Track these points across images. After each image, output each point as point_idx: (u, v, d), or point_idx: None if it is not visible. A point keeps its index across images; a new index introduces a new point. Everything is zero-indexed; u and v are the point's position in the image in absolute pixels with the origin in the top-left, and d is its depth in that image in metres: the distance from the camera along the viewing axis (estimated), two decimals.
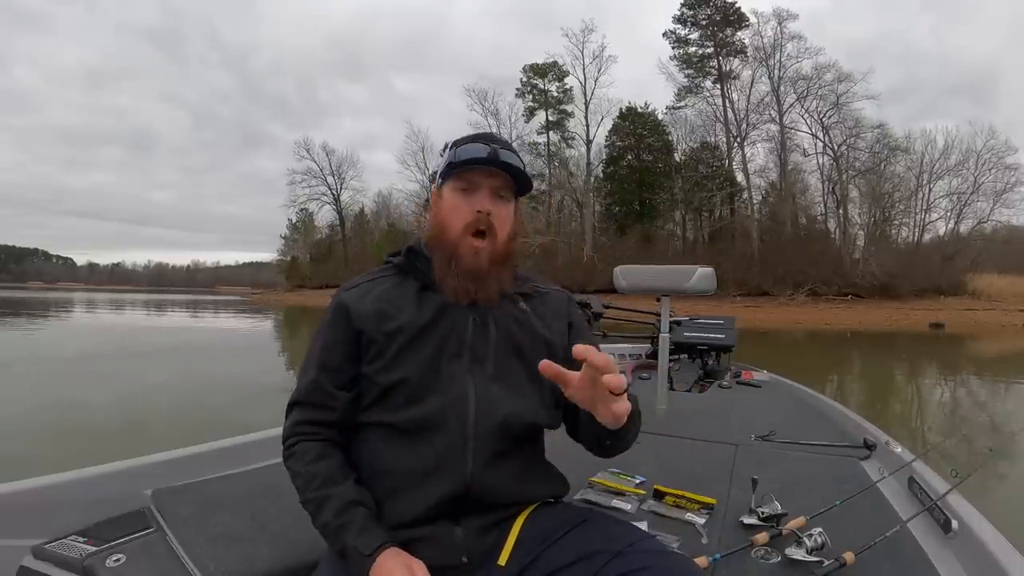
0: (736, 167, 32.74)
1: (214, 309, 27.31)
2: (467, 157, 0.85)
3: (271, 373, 7.40)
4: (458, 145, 0.89)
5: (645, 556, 0.71)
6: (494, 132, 0.96)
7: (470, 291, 0.85)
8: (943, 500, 1.19)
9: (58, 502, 1.08)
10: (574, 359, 0.69)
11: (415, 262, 0.91)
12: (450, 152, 0.89)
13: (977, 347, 13.69)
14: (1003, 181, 28.42)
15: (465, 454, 0.80)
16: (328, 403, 0.86)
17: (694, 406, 2.53)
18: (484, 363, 0.85)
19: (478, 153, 0.85)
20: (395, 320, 0.85)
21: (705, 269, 2.19)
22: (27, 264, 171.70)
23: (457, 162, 0.86)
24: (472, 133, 0.94)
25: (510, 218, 0.90)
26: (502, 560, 0.78)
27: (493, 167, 0.86)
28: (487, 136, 0.90)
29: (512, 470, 0.83)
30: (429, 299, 0.87)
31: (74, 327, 15.46)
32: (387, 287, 0.89)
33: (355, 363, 0.86)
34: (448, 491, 0.79)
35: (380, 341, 0.84)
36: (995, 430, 4.77)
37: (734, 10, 31.85)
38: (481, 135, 0.91)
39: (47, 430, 4.06)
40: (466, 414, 0.81)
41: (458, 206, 0.87)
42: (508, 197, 0.90)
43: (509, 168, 0.87)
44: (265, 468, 1.42)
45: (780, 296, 25.69)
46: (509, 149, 0.88)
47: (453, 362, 0.84)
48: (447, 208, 0.88)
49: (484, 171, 0.86)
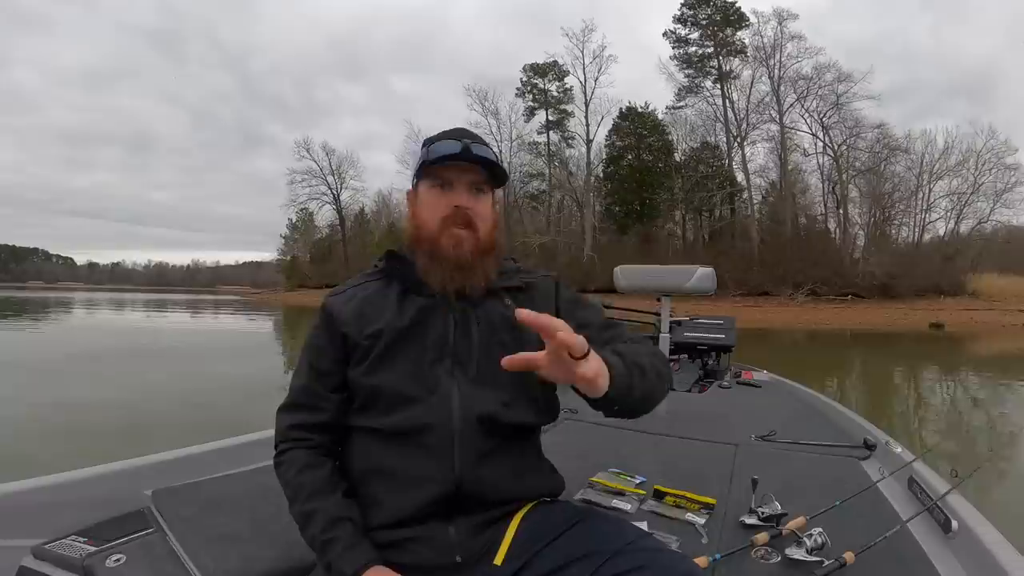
0: (736, 167, 32.81)
1: (214, 309, 27.32)
2: (440, 154, 0.85)
3: (271, 373, 7.39)
4: (431, 143, 0.89)
5: (643, 555, 0.70)
6: (465, 127, 0.91)
7: (456, 280, 0.85)
8: (943, 500, 1.19)
9: (58, 502, 1.08)
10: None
11: (396, 266, 0.91)
12: (422, 151, 0.89)
13: (977, 347, 13.70)
14: (1003, 181, 28.52)
15: (452, 455, 0.80)
16: (320, 405, 0.87)
17: (694, 406, 2.53)
18: (467, 365, 0.84)
19: (451, 149, 0.85)
20: (375, 324, 0.85)
21: (705, 269, 2.19)
22: (27, 264, 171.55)
23: (430, 160, 0.86)
24: (445, 130, 0.92)
25: (488, 211, 0.90)
26: (498, 559, 0.78)
27: (467, 162, 0.86)
28: (458, 131, 0.90)
29: (504, 468, 0.83)
30: (411, 302, 0.87)
31: (73, 328, 15.46)
32: (371, 292, 0.90)
33: (344, 365, 0.87)
34: (438, 491, 0.79)
35: (363, 345, 0.85)
36: (995, 430, 4.77)
37: (734, 10, 31.88)
38: (453, 131, 0.90)
39: (47, 430, 4.06)
40: (450, 416, 0.81)
41: (435, 202, 0.87)
42: (485, 190, 0.90)
43: (483, 161, 0.86)
44: (265, 468, 1.41)
45: (780, 296, 25.72)
46: (481, 143, 0.88)
47: (436, 365, 0.83)
48: (424, 205, 0.89)
49: (459, 167, 0.86)
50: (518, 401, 0.86)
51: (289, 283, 48.01)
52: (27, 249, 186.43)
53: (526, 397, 0.87)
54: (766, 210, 32.98)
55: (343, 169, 44.90)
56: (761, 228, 31.38)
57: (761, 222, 31.89)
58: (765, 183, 33.29)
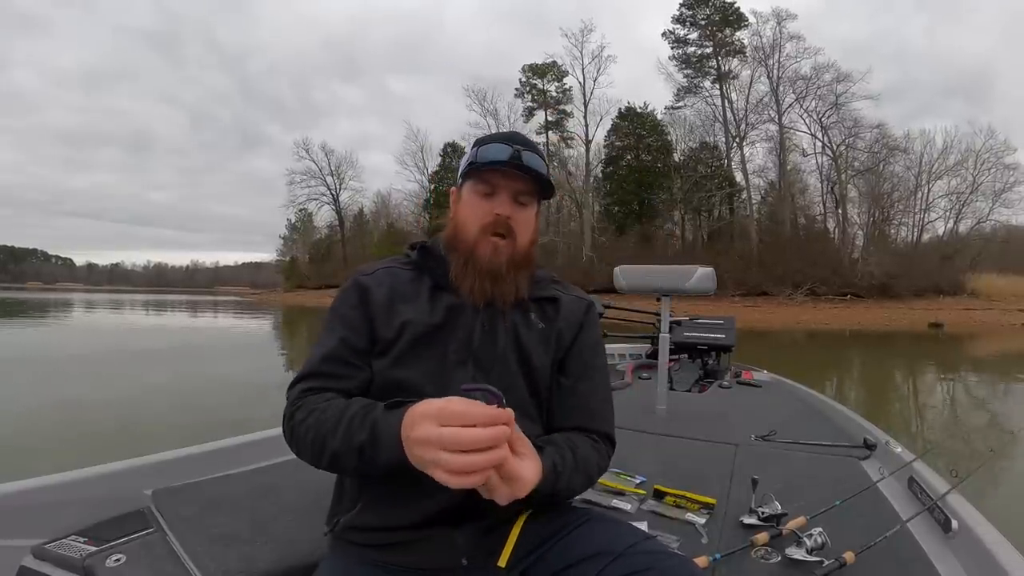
0: (735, 167, 32.82)
1: (213, 309, 27.29)
2: (489, 158, 0.82)
3: (270, 373, 7.39)
4: (481, 144, 0.85)
5: (646, 557, 0.70)
6: (518, 132, 0.87)
7: (487, 291, 0.83)
8: (943, 500, 1.19)
9: (58, 502, 1.08)
10: (557, 373, 0.66)
11: (429, 261, 0.89)
12: (472, 151, 0.86)
13: (976, 347, 13.70)
14: (1002, 181, 28.60)
15: None
16: (344, 374, 0.80)
17: (694, 406, 2.53)
18: (488, 373, 0.82)
19: (500, 155, 0.82)
20: (404, 314, 0.83)
21: (705, 269, 2.19)
22: (26, 264, 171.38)
23: (478, 163, 0.83)
24: (498, 132, 0.90)
25: (530, 223, 0.86)
26: (502, 562, 0.77)
27: (516, 170, 0.82)
28: (512, 136, 0.85)
29: None
30: (441, 299, 0.85)
31: (73, 328, 15.44)
32: (403, 280, 0.87)
33: (372, 343, 0.83)
34: (449, 500, 0.77)
35: (388, 334, 0.82)
36: (995, 430, 4.77)
37: (733, 10, 31.90)
38: (506, 135, 0.86)
39: (47, 430, 4.05)
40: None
41: (477, 208, 0.84)
42: (529, 202, 0.86)
43: (532, 172, 0.83)
44: (265, 468, 1.43)
45: (779, 296, 25.71)
46: (534, 151, 0.84)
47: (457, 369, 0.81)
48: (466, 209, 0.85)
49: (506, 173, 0.83)
50: (531, 416, 0.85)
51: (288, 284, 48.01)
52: (26, 250, 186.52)
53: (538, 412, 0.87)
54: (765, 210, 33.00)
55: (342, 169, 45.03)
56: (760, 228, 31.40)
57: (760, 222, 31.91)
58: (764, 183, 33.38)
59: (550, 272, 0.95)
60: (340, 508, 0.85)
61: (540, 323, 0.88)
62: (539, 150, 0.86)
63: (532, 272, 0.89)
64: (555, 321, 0.89)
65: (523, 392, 0.84)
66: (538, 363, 0.85)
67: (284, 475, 1.36)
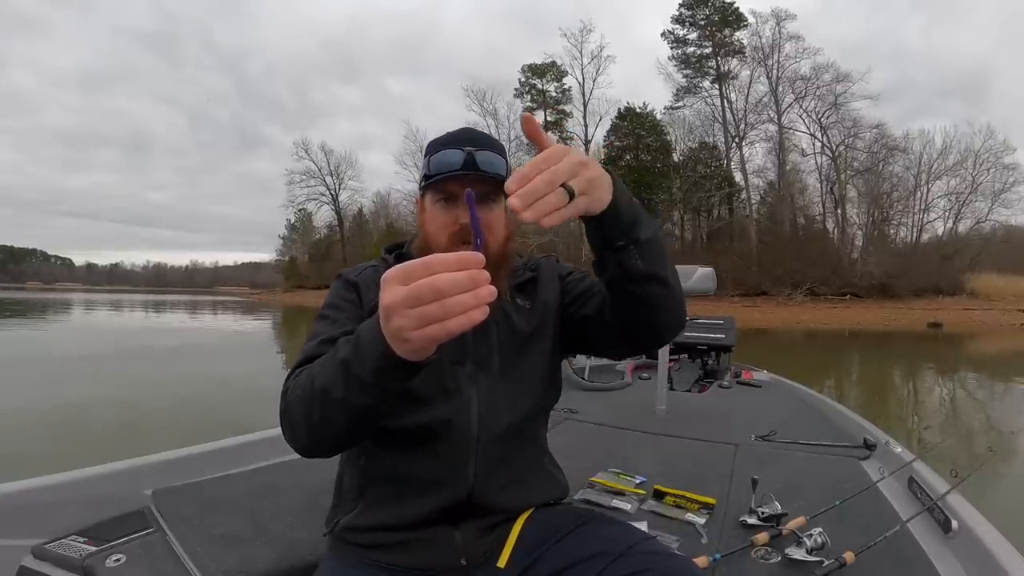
0: (734, 167, 32.80)
1: (213, 309, 27.27)
2: (442, 168, 0.78)
3: (271, 373, 7.38)
4: (433, 151, 0.81)
5: (646, 558, 0.70)
6: (471, 127, 0.82)
7: None
8: (943, 500, 1.20)
9: (58, 502, 1.08)
10: (576, 300, 0.69)
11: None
12: (424, 161, 0.82)
13: (976, 347, 13.71)
14: (1001, 181, 28.54)
15: (468, 464, 0.79)
16: None
17: (694, 406, 2.53)
18: (488, 368, 0.82)
19: (452, 161, 0.77)
20: None
21: (705, 269, 2.19)
22: (25, 264, 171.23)
23: (432, 175, 0.79)
24: (449, 133, 0.83)
25: (499, 222, 0.82)
26: (501, 562, 0.77)
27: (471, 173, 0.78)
28: (462, 137, 0.81)
29: (513, 476, 0.83)
30: None
31: (73, 328, 15.43)
32: None
33: None
34: (449, 499, 0.78)
35: None
36: (995, 430, 4.77)
37: (732, 10, 31.90)
38: (456, 135, 0.81)
39: (47, 430, 4.05)
40: (469, 423, 0.79)
41: (440, 218, 0.80)
42: (494, 199, 0.80)
43: (487, 174, 0.78)
44: (265, 468, 1.43)
45: (779, 296, 25.71)
46: (488, 148, 0.80)
47: (455, 368, 0.81)
48: (431, 221, 0.81)
49: (463, 179, 0.77)
50: (535, 393, 0.85)
51: (288, 284, 48.02)
52: (25, 250, 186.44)
53: (543, 387, 0.87)
54: (764, 210, 32.98)
55: (341, 169, 44.93)
56: (759, 228, 31.38)
57: (759, 222, 31.89)
58: (763, 183, 33.34)
59: (521, 258, 0.93)
60: (340, 508, 0.85)
61: (526, 304, 0.88)
62: (495, 144, 0.82)
63: (511, 267, 0.88)
64: (537, 294, 0.89)
65: (526, 376, 0.84)
66: (533, 342, 0.86)
67: (284, 475, 1.36)
